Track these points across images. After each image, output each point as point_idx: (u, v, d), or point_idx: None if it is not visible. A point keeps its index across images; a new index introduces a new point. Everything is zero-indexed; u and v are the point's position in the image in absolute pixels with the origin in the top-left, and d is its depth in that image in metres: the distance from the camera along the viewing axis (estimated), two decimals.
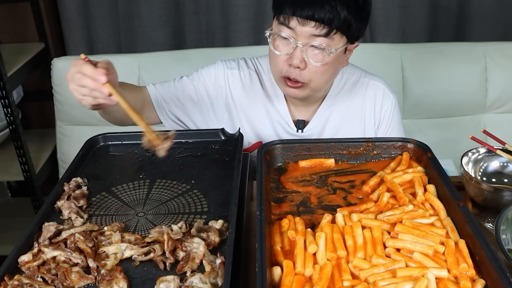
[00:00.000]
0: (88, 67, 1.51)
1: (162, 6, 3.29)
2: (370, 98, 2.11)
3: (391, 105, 2.13)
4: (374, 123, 2.12)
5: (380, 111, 2.12)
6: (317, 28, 1.72)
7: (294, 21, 1.73)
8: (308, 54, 1.77)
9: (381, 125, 2.13)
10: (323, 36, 1.73)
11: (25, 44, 3.33)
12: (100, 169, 1.72)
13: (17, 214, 3.55)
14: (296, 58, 1.77)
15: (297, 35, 1.75)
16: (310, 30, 1.72)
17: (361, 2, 1.76)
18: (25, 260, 1.29)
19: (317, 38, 1.74)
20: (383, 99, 2.12)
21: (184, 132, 1.86)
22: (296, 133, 2.07)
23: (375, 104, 2.11)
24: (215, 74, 2.08)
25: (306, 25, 1.72)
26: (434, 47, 3.22)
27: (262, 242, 1.26)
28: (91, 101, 1.56)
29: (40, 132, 3.59)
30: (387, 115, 2.13)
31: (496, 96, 3.20)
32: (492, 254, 1.24)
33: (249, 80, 2.10)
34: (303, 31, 1.73)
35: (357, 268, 1.30)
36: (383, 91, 2.12)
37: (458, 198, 1.45)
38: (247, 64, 2.13)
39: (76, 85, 1.54)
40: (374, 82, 2.12)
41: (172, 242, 1.32)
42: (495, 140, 1.79)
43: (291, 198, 1.61)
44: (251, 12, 3.34)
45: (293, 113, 2.08)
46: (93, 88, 1.51)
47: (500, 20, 3.44)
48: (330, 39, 1.75)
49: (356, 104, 2.11)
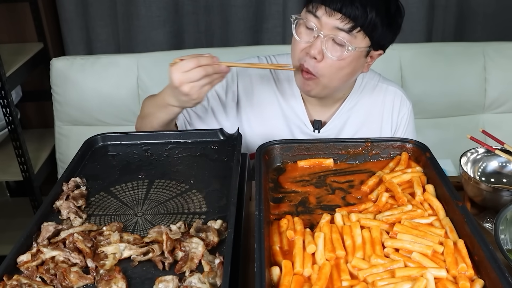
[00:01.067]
0: (203, 58, 1.68)
1: (161, 6, 3.29)
2: (388, 103, 2.13)
3: (407, 111, 2.16)
4: (391, 128, 2.14)
5: (398, 116, 2.14)
6: (342, 21, 1.73)
7: (321, 10, 1.74)
8: (328, 47, 1.78)
9: (397, 131, 2.16)
10: (346, 31, 1.74)
11: (24, 44, 3.33)
12: (98, 169, 1.72)
13: (16, 214, 3.56)
14: (315, 48, 1.78)
15: (321, 25, 1.76)
16: (335, 22, 1.73)
17: (393, 9, 1.79)
18: (24, 260, 1.28)
19: (340, 32, 1.75)
20: (401, 105, 2.14)
21: (183, 132, 1.86)
22: (312, 133, 2.07)
23: (393, 109, 2.13)
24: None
25: (333, 16, 1.73)
26: (433, 47, 3.22)
27: (261, 242, 1.27)
28: (208, 89, 1.72)
29: (39, 132, 3.59)
30: (404, 121, 2.15)
31: (495, 96, 3.21)
32: (491, 254, 1.24)
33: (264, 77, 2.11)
34: (328, 22, 1.74)
35: (356, 268, 1.30)
36: (400, 97, 2.15)
37: (457, 198, 1.45)
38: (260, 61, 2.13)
39: (194, 82, 1.66)
40: (392, 88, 2.15)
41: (171, 242, 1.31)
42: (494, 140, 1.79)
43: (290, 198, 1.60)
44: (250, 12, 3.34)
45: (310, 113, 2.09)
46: (213, 72, 1.68)
47: (499, 20, 3.44)
48: (352, 36, 1.75)
49: (375, 108, 2.12)
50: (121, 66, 3.12)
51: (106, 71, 3.12)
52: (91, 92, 3.10)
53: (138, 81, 3.11)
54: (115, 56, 3.19)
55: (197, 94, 1.68)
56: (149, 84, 3.07)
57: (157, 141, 1.84)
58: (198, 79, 1.65)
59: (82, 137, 1.87)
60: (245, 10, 3.33)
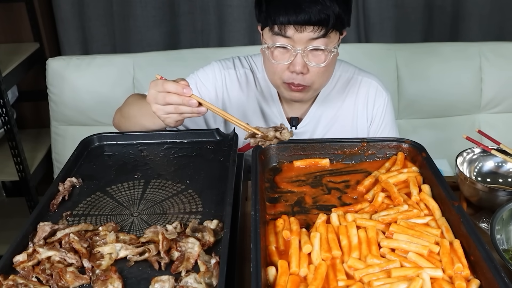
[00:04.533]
0: (171, 84, 1.58)
1: (156, 6, 3.29)
2: (362, 95, 2.12)
3: (383, 102, 2.13)
4: (366, 120, 2.13)
5: (373, 108, 2.12)
6: (314, 32, 1.72)
7: (290, 29, 1.73)
8: (310, 58, 1.78)
9: (373, 123, 2.14)
10: (322, 37, 1.74)
11: (20, 44, 3.33)
12: (94, 169, 1.72)
13: (12, 214, 3.55)
14: (298, 64, 1.78)
15: (294, 42, 1.75)
16: (308, 34, 1.73)
17: None
18: (20, 260, 1.28)
19: (315, 40, 1.74)
20: (376, 96, 2.12)
21: (179, 132, 1.86)
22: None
23: (367, 101, 2.12)
24: (212, 75, 2.08)
25: (304, 31, 1.72)
26: (429, 47, 3.22)
27: (257, 242, 1.27)
28: (176, 117, 1.63)
29: (35, 132, 3.59)
30: (379, 113, 2.13)
31: (491, 96, 3.21)
32: (487, 254, 1.24)
33: (245, 79, 2.10)
34: (301, 38, 1.73)
35: (352, 268, 1.30)
36: (375, 89, 2.12)
37: (453, 198, 1.45)
38: (241, 63, 2.13)
39: (160, 105, 1.60)
40: (367, 80, 2.13)
41: (167, 242, 1.31)
42: (490, 140, 1.79)
43: (286, 198, 1.60)
44: (246, 12, 3.34)
45: (286, 111, 2.09)
46: (180, 103, 1.58)
47: (494, 20, 3.45)
48: (327, 38, 1.75)
49: (348, 101, 2.11)
50: (117, 66, 3.12)
51: (102, 71, 3.12)
52: (87, 92, 3.10)
53: (134, 81, 3.11)
54: (111, 56, 3.19)
55: (163, 117, 1.64)
56: (145, 84, 3.05)
57: (153, 141, 1.84)
58: (163, 104, 1.60)
59: (78, 137, 1.87)
60: (241, 10, 3.33)
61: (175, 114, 1.61)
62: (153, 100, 1.61)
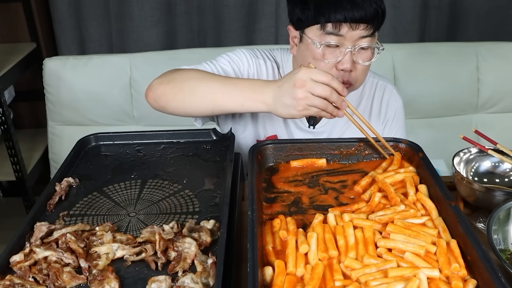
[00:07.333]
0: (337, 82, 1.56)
1: (153, 6, 3.30)
2: (378, 98, 2.14)
3: (398, 106, 2.16)
4: (381, 122, 2.15)
5: (387, 111, 2.14)
6: (366, 30, 1.74)
7: (344, 27, 1.72)
8: (358, 56, 1.79)
9: (386, 126, 2.16)
10: (371, 35, 1.76)
11: (17, 44, 3.34)
12: (91, 169, 1.72)
13: (9, 214, 3.56)
14: (348, 62, 1.78)
15: (345, 39, 1.75)
16: (360, 32, 1.74)
17: None
18: (17, 260, 1.28)
19: (364, 39, 1.76)
20: (390, 99, 2.15)
21: (176, 132, 1.86)
22: (307, 129, 2.06)
23: (381, 104, 2.14)
24: (246, 61, 2.04)
25: (357, 28, 1.73)
26: (426, 47, 3.24)
27: (254, 242, 1.26)
28: (313, 111, 1.59)
29: (32, 132, 3.60)
30: (393, 116, 2.16)
31: (488, 96, 3.22)
32: (484, 254, 1.24)
33: (272, 72, 2.08)
34: (353, 35, 1.74)
35: (349, 268, 1.30)
36: (390, 92, 2.15)
37: (450, 198, 1.45)
38: (267, 55, 2.11)
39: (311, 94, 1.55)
40: (383, 83, 2.15)
41: (163, 242, 1.31)
42: (487, 140, 1.79)
43: (282, 198, 1.60)
44: (242, 12, 3.35)
45: None
46: (335, 101, 1.56)
47: (491, 20, 3.46)
48: (373, 36, 1.78)
49: (365, 103, 2.13)
50: (114, 66, 3.13)
51: (98, 71, 3.12)
52: (84, 92, 3.10)
53: (131, 81, 3.11)
54: (108, 56, 3.20)
55: (302, 106, 1.57)
56: (142, 84, 3.07)
57: (150, 141, 1.84)
58: (315, 95, 1.55)
59: (75, 137, 1.87)
60: (238, 10, 3.34)
61: (316, 109, 1.58)
62: (307, 87, 1.55)
